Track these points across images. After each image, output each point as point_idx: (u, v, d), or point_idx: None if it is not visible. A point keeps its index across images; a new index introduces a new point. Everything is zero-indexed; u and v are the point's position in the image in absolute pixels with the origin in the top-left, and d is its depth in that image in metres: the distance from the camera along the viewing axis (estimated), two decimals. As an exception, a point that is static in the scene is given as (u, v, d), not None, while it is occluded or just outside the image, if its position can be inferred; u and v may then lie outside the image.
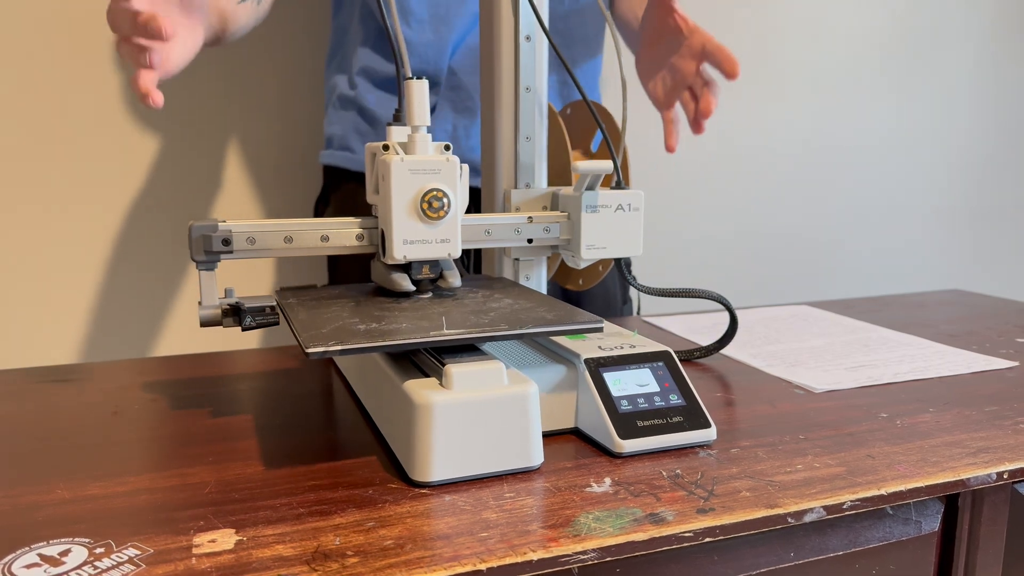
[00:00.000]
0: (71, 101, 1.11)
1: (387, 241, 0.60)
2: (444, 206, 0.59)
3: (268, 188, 1.22)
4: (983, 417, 0.62)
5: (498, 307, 0.58)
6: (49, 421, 0.62)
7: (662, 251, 1.52)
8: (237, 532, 0.44)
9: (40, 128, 1.10)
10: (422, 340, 0.50)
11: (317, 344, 0.48)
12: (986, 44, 1.71)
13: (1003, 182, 1.80)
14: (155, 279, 1.19)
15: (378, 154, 0.61)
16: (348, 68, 1.02)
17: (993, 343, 0.84)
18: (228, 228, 0.60)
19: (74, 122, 1.11)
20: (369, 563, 0.41)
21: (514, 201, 0.73)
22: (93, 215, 1.14)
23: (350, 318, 0.55)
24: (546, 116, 0.75)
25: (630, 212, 0.69)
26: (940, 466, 0.52)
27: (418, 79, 0.59)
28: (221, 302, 0.62)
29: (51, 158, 1.11)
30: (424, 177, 0.59)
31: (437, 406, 0.49)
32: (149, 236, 1.17)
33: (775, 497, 0.48)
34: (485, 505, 0.47)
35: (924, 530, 0.53)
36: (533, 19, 0.71)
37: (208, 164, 1.18)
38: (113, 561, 0.41)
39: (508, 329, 0.52)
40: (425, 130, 0.60)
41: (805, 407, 0.64)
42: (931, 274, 1.78)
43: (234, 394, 0.69)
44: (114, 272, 1.17)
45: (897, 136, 1.67)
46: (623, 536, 0.43)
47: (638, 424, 0.55)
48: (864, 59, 1.60)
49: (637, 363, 0.59)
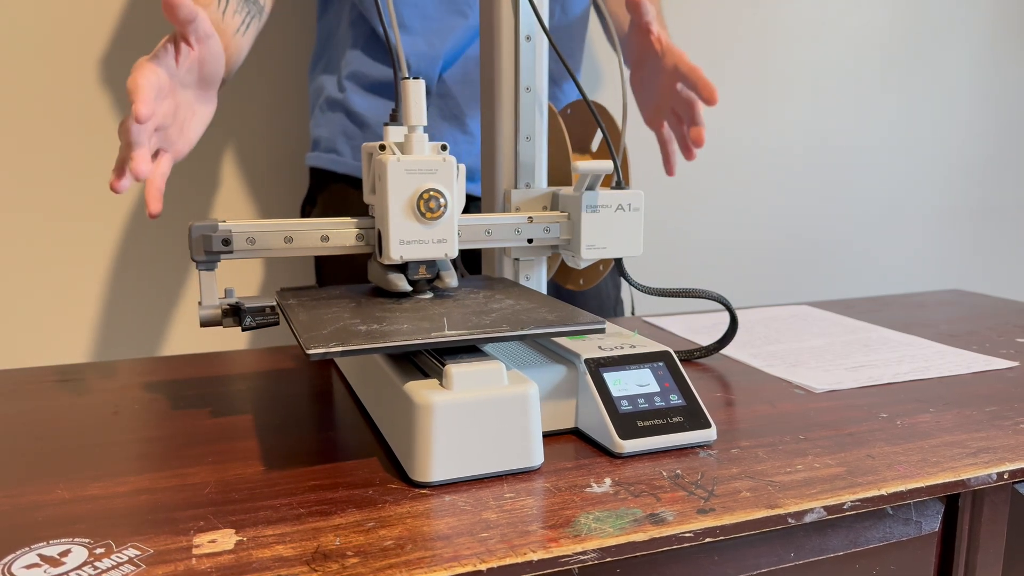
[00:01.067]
0: (68, 102, 1.10)
1: (384, 241, 0.60)
2: (441, 206, 0.59)
3: (257, 190, 1.22)
4: (983, 417, 0.62)
5: (499, 308, 0.58)
6: (49, 421, 0.62)
7: (662, 251, 1.52)
8: (237, 532, 0.44)
9: (39, 130, 1.10)
10: (423, 341, 0.50)
11: (318, 345, 0.48)
12: (986, 44, 1.71)
13: (1003, 182, 1.80)
14: (155, 279, 1.19)
15: (375, 154, 0.61)
16: (336, 70, 1.02)
17: (993, 343, 0.84)
18: (228, 228, 0.60)
19: (73, 123, 1.11)
20: (369, 563, 0.41)
21: (514, 201, 0.73)
22: (93, 215, 1.14)
23: (351, 319, 0.55)
24: (546, 116, 0.75)
25: (630, 212, 0.69)
26: (940, 466, 0.52)
27: (414, 79, 0.59)
28: (221, 302, 0.62)
29: (51, 159, 1.11)
30: (421, 177, 0.59)
31: (437, 406, 0.49)
32: (149, 236, 1.17)
33: (775, 497, 0.48)
34: (485, 505, 0.47)
35: (924, 530, 0.53)
36: (533, 19, 0.71)
37: (200, 166, 1.18)
38: (113, 561, 0.41)
39: (510, 330, 0.52)
40: (421, 130, 0.60)
41: (805, 407, 0.64)
42: (931, 274, 1.78)
43: (234, 394, 0.69)
44: (114, 272, 1.17)
45: (897, 136, 1.67)
46: (623, 536, 0.43)
47: (638, 424, 0.55)
48: (864, 59, 1.60)
49: (637, 363, 0.59)
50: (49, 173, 1.11)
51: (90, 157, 1.12)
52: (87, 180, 1.13)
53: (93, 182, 1.13)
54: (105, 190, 1.14)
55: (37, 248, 1.13)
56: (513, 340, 0.52)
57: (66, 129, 1.11)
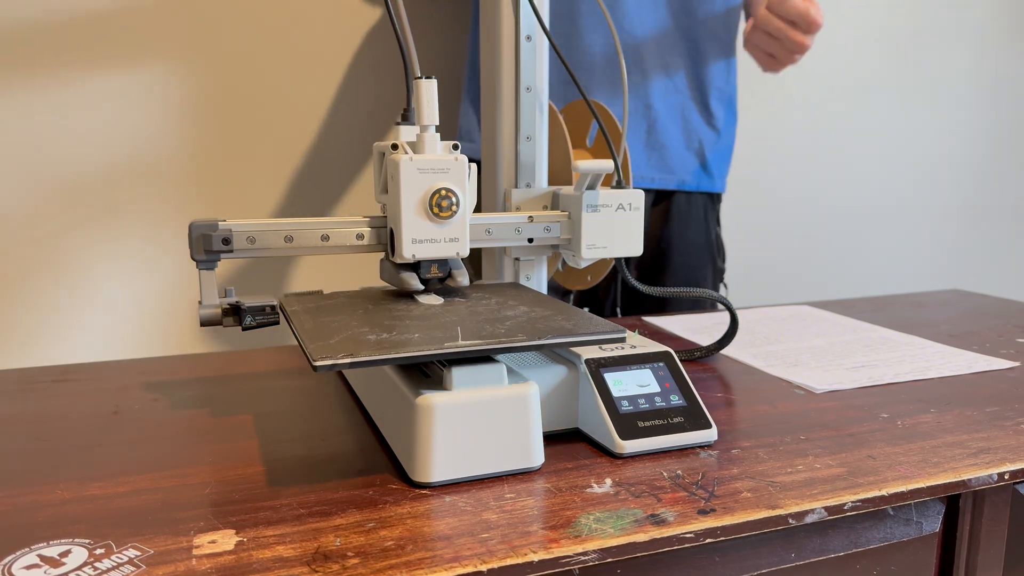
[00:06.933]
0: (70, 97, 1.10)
1: (396, 240, 0.60)
2: (453, 205, 0.59)
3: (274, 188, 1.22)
4: (984, 418, 0.62)
5: (513, 315, 0.57)
6: (49, 421, 0.62)
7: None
8: (237, 533, 0.44)
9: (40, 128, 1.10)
10: (433, 352, 0.48)
11: (326, 356, 0.47)
12: (986, 45, 1.71)
13: (1003, 182, 1.80)
14: (155, 279, 1.19)
15: (387, 153, 0.61)
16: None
17: (994, 343, 0.84)
18: (228, 227, 0.60)
19: (73, 121, 1.11)
20: (369, 564, 0.41)
21: (514, 200, 0.73)
22: (93, 215, 1.14)
23: (359, 327, 0.53)
24: (547, 116, 0.75)
25: (630, 211, 0.69)
26: (941, 467, 0.52)
27: (427, 79, 0.59)
28: (221, 301, 0.62)
29: (51, 158, 1.11)
30: (433, 176, 0.59)
31: (438, 407, 0.49)
32: (149, 236, 1.17)
33: (776, 498, 0.48)
34: (486, 506, 0.47)
35: (925, 531, 0.53)
36: (533, 19, 0.71)
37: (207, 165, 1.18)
38: (113, 562, 0.41)
39: (526, 339, 0.51)
40: (434, 129, 0.60)
41: (806, 407, 0.64)
42: (931, 274, 1.78)
43: (234, 394, 0.69)
44: (114, 272, 1.16)
45: (897, 136, 1.67)
46: (624, 537, 0.43)
47: (639, 425, 0.55)
48: (865, 60, 1.60)
49: (638, 363, 0.59)
50: (49, 173, 1.11)
51: (91, 157, 1.12)
52: (87, 179, 1.13)
53: (93, 181, 1.13)
54: (105, 189, 1.14)
55: (37, 248, 1.12)
56: (531, 350, 0.51)
57: (65, 128, 1.11)
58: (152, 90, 1.13)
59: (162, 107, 1.14)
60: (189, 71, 1.15)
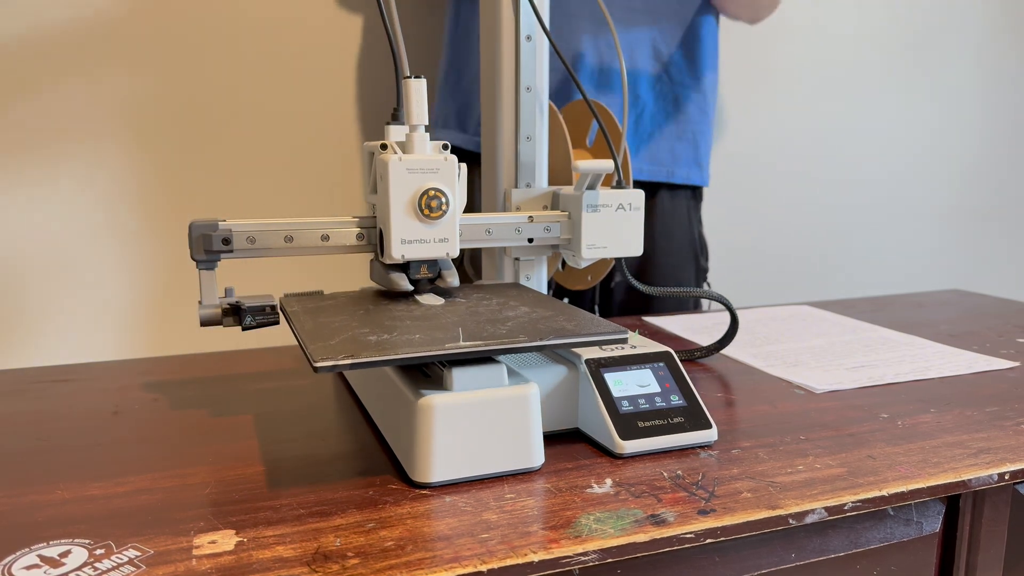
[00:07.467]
0: (71, 97, 1.10)
1: (385, 241, 0.60)
2: (442, 205, 0.59)
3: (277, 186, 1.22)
4: (984, 418, 0.62)
5: (515, 316, 0.57)
6: (49, 421, 0.62)
7: (662, 251, 1.52)
8: (237, 533, 0.44)
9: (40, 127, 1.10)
10: (438, 353, 0.48)
11: (326, 357, 0.47)
12: (986, 45, 1.71)
13: (1004, 182, 1.80)
14: (155, 279, 1.18)
15: (376, 153, 0.61)
16: None
17: (994, 343, 0.84)
18: (228, 227, 0.60)
19: (73, 120, 1.11)
20: (369, 564, 0.41)
21: (514, 200, 0.73)
22: (93, 215, 1.14)
23: (360, 328, 0.53)
24: (547, 116, 0.74)
25: (630, 211, 0.69)
26: (941, 467, 0.52)
27: (416, 78, 0.59)
28: (221, 301, 0.62)
29: (52, 157, 1.11)
30: (422, 176, 0.59)
31: (438, 407, 0.49)
32: (149, 236, 1.17)
33: (776, 498, 0.48)
34: (486, 506, 0.47)
35: (925, 531, 0.53)
36: (533, 19, 0.71)
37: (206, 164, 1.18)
38: (113, 562, 0.41)
39: (528, 341, 0.50)
40: (423, 129, 0.60)
41: (806, 407, 0.64)
42: (931, 274, 1.78)
43: (234, 394, 0.69)
44: (114, 272, 1.16)
45: (898, 136, 1.67)
46: (624, 537, 0.43)
47: (639, 425, 0.55)
48: (865, 60, 1.60)
49: (638, 364, 0.59)
50: (49, 173, 1.11)
51: (91, 156, 1.12)
52: (88, 179, 1.13)
53: (93, 181, 1.13)
54: (105, 189, 1.14)
55: (37, 248, 1.12)
56: (532, 351, 0.51)
57: (66, 127, 1.11)
58: (151, 90, 1.13)
59: (162, 107, 1.14)
60: (187, 72, 1.15)
